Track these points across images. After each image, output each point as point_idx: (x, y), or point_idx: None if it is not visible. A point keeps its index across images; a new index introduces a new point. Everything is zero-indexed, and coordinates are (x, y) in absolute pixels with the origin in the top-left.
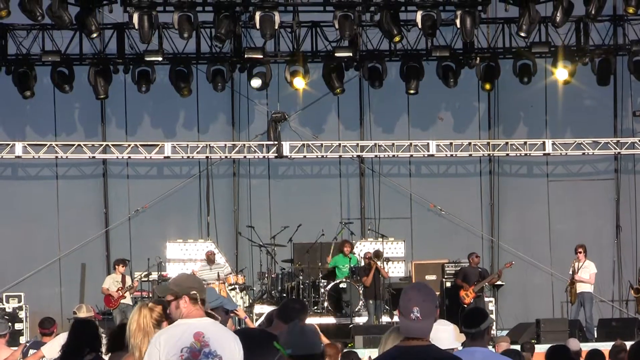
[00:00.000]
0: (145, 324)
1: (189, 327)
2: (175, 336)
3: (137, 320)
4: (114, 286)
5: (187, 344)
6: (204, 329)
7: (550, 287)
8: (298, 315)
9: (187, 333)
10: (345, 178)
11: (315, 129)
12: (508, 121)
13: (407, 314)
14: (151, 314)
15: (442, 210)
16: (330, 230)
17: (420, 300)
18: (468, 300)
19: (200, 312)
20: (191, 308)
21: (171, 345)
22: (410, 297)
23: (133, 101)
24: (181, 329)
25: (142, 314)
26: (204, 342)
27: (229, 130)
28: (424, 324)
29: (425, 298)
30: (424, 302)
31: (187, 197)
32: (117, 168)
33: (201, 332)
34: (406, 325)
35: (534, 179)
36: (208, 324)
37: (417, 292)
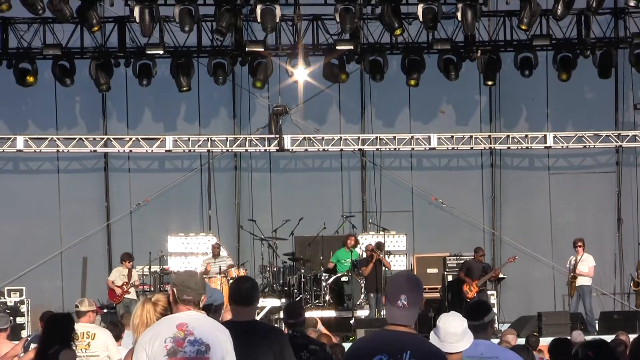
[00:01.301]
0: (149, 318)
1: (172, 320)
2: (158, 330)
3: (139, 316)
4: (119, 280)
5: (170, 334)
6: (188, 320)
7: (552, 280)
8: (254, 293)
9: (170, 325)
10: (346, 171)
11: (317, 122)
12: (509, 114)
13: (394, 301)
14: (155, 308)
15: (444, 203)
16: (331, 223)
17: (408, 288)
18: (471, 295)
19: (187, 307)
20: (180, 306)
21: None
22: (398, 284)
23: (134, 94)
24: (165, 322)
25: (146, 309)
26: (188, 331)
27: (230, 123)
28: (410, 311)
29: (412, 286)
30: (412, 291)
31: (189, 190)
32: (118, 162)
33: (185, 323)
34: (392, 312)
35: (535, 172)
36: (192, 316)
37: (405, 280)
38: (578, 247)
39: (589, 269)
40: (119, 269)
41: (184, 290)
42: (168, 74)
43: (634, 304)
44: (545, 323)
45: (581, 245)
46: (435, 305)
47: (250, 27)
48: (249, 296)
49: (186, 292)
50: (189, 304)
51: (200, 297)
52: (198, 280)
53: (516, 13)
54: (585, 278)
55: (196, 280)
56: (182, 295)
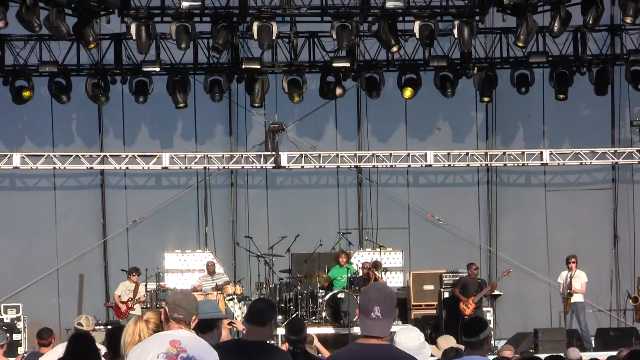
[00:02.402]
0: (142, 337)
1: (164, 336)
2: (149, 346)
3: (131, 334)
4: (125, 295)
5: (163, 349)
6: (180, 338)
7: (548, 297)
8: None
9: (162, 341)
10: (343, 188)
11: (313, 139)
12: (506, 131)
13: (367, 313)
14: (147, 326)
15: (440, 220)
16: (328, 240)
17: (381, 299)
18: (469, 312)
19: (178, 326)
20: (171, 324)
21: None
22: (371, 296)
23: (130, 112)
24: (156, 338)
25: (138, 327)
26: (181, 348)
27: (226, 140)
28: (384, 323)
29: (385, 298)
30: (385, 302)
31: (185, 207)
32: (114, 179)
33: (177, 340)
34: (366, 324)
35: (531, 189)
36: (183, 334)
37: (377, 291)
38: (571, 264)
39: (581, 285)
40: (126, 284)
41: (175, 309)
42: (164, 91)
43: (630, 321)
44: (541, 339)
45: (574, 261)
46: (432, 322)
47: (247, 44)
48: (260, 316)
49: (177, 311)
50: (179, 322)
51: (191, 317)
52: (191, 300)
53: (513, 30)
54: (578, 295)
55: (189, 300)
56: (174, 314)
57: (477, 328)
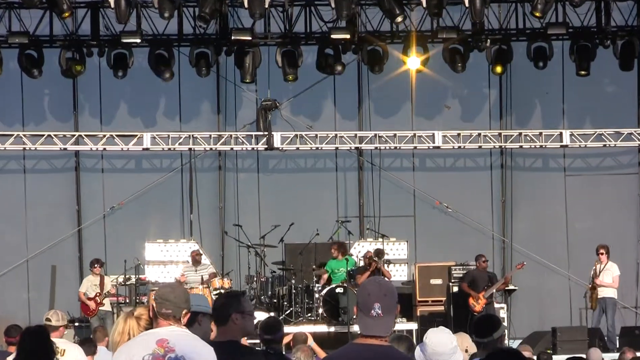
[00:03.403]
0: (132, 335)
1: (151, 335)
2: (135, 346)
3: (122, 332)
4: (91, 290)
5: (149, 351)
6: (169, 336)
7: (568, 292)
8: (225, 309)
9: (149, 341)
10: (342, 172)
11: (309, 118)
12: (521, 110)
13: (367, 310)
14: (138, 323)
15: (449, 207)
16: (325, 229)
17: (382, 295)
18: (479, 308)
19: (168, 322)
20: (160, 321)
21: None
22: (370, 292)
23: (108, 87)
24: (143, 338)
25: (129, 325)
26: (169, 347)
27: (214, 119)
28: (385, 321)
29: (386, 292)
30: (385, 298)
31: (168, 193)
32: (90, 161)
33: (165, 339)
34: (366, 323)
35: (550, 174)
36: (174, 331)
37: (377, 286)
38: (600, 255)
39: (612, 279)
40: (90, 278)
41: (162, 303)
42: (146, 65)
43: None
44: (560, 339)
45: (604, 252)
46: (439, 319)
47: (237, 13)
48: (219, 313)
49: (165, 306)
50: (168, 318)
51: (181, 311)
52: (179, 293)
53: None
54: (609, 289)
55: (177, 293)
56: (161, 309)
57: (490, 327)
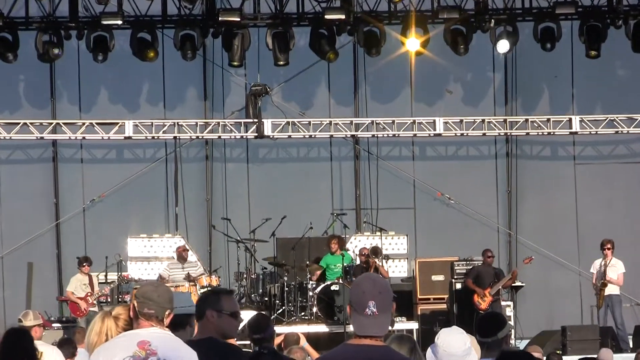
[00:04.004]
0: (109, 336)
1: (132, 337)
2: (114, 348)
3: (99, 332)
4: (80, 290)
5: (129, 353)
6: (151, 338)
7: (578, 289)
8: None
9: (130, 343)
10: (337, 162)
11: (302, 105)
12: (528, 94)
13: (361, 309)
14: (116, 323)
15: (451, 199)
16: (319, 223)
17: (376, 292)
18: (484, 306)
19: (149, 323)
20: (141, 321)
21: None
22: (364, 289)
23: (88, 72)
24: (123, 339)
25: (106, 325)
26: (151, 350)
27: (200, 106)
28: (381, 319)
29: (381, 290)
30: (380, 295)
31: (152, 184)
32: (69, 151)
33: (147, 341)
34: (360, 322)
35: (558, 162)
36: (155, 333)
37: (372, 283)
38: (606, 250)
39: (617, 276)
40: (79, 277)
41: (144, 303)
42: (127, 49)
43: None
44: (570, 339)
45: (610, 247)
46: (441, 318)
47: None
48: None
49: (147, 305)
50: (150, 319)
51: (164, 312)
52: (163, 292)
53: None
54: (615, 287)
55: (160, 292)
56: (143, 309)
57: (495, 326)
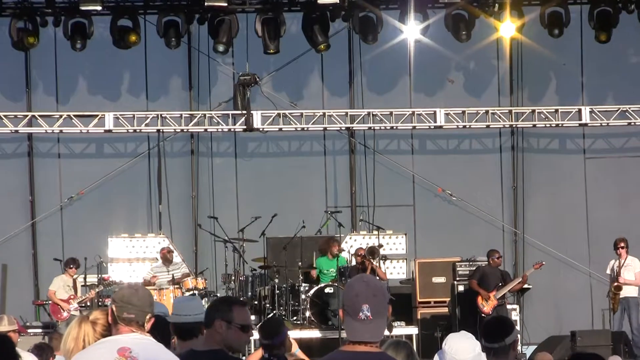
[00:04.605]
0: (87, 342)
1: (112, 343)
2: (92, 355)
3: (75, 338)
4: (63, 292)
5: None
6: (131, 344)
7: (589, 291)
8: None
9: (109, 349)
10: (331, 156)
11: (294, 95)
12: (535, 84)
13: (354, 313)
14: (94, 329)
15: (453, 195)
16: (312, 221)
17: (370, 295)
18: (488, 310)
19: (129, 329)
20: (120, 326)
21: None
22: (357, 292)
23: (65, 62)
24: (102, 346)
25: (83, 330)
26: (132, 357)
27: (185, 97)
28: (375, 324)
29: (375, 292)
30: (375, 298)
31: (134, 180)
32: (45, 145)
33: (127, 347)
34: (353, 327)
35: (567, 156)
36: (136, 339)
37: (365, 285)
38: (620, 249)
39: (635, 275)
40: (63, 278)
41: (124, 307)
42: (108, 36)
43: None
44: (580, 344)
45: (624, 246)
46: (443, 323)
47: None
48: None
49: (127, 310)
50: (130, 324)
51: (145, 316)
52: (143, 295)
53: None
54: (631, 288)
55: (140, 295)
56: (122, 313)
57: (502, 331)
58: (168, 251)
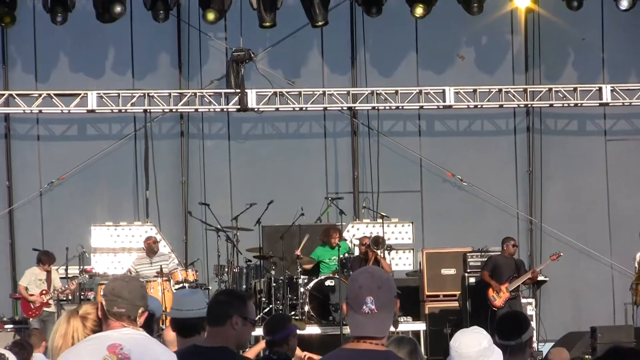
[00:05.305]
0: (76, 338)
1: (102, 340)
2: (81, 353)
3: (64, 334)
4: (35, 286)
5: (98, 358)
6: (122, 340)
7: (610, 284)
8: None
9: (99, 347)
10: (332, 138)
11: (291, 73)
12: (552, 60)
13: (357, 306)
14: (84, 324)
15: (463, 180)
16: (311, 208)
17: (375, 287)
18: (499, 303)
19: (120, 323)
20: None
21: None
22: (361, 283)
23: (45, 36)
24: (91, 343)
25: (72, 326)
26: (123, 354)
27: (174, 74)
28: (380, 318)
29: (380, 284)
30: (380, 290)
31: (119, 164)
32: (23, 126)
33: (118, 344)
34: (356, 322)
35: (587, 138)
36: (128, 334)
37: (369, 276)
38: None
39: None
40: (34, 271)
41: (114, 301)
42: (91, 9)
43: None
44: (601, 341)
45: None
46: (453, 318)
47: None
48: (216, 312)
49: (117, 304)
50: (121, 318)
51: (137, 310)
52: (134, 288)
53: None
54: None
55: (130, 288)
56: (112, 308)
57: (517, 327)
58: (154, 241)
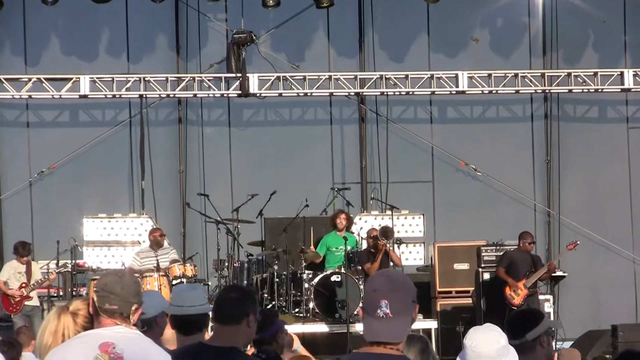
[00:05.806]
0: (67, 336)
1: (93, 338)
2: (71, 351)
3: (54, 332)
4: (14, 280)
5: (89, 357)
6: (115, 339)
7: (632, 279)
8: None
9: (90, 345)
10: (338, 125)
11: (296, 56)
12: (571, 44)
13: (372, 310)
14: (75, 321)
15: (478, 170)
16: (317, 199)
17: (389, 290)
18: (518, 301)
19: (113, 321)
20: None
21: None
22: (375, 286)
23: (35, 18)
24: (82, 341)
25: (62, 323)
26: (116, 353)
27: (172, 57)
28: (396, 323)
29: (396, 287)
30: (395, 293)
31: (113, 153)
32: (12, 112)
33: (110, 343)
34: (370, 326)
35: (608, 126)
36: (120, 332)
37: (385, 279)
38: None
39: None
40: (13, 264)
41: (105, 297)
42: None
43: None
44: (622, 340)
45: None
46: (466, 315)
47: None
48: (233, 310)
49: (109, 300)
50: (113, 315)
51: (130, 307)
52: (127, 284)
53: None
54: None
55: (124, 283)
56: (104, 304)
57: (521, 326)
58: (161, 234)
